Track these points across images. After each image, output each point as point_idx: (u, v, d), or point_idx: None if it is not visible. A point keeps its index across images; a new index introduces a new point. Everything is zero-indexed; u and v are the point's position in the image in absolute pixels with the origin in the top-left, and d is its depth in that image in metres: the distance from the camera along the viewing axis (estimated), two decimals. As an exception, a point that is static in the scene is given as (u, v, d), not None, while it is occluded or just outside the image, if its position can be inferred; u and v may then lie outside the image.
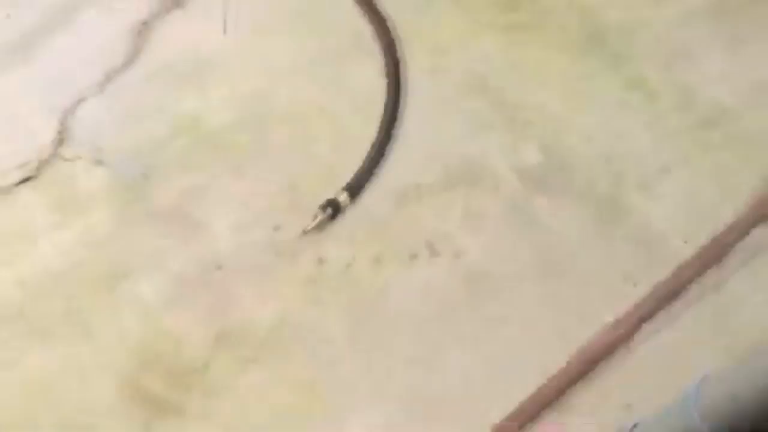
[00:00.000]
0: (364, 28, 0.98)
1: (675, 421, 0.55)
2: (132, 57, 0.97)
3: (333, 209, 0.83)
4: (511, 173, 0.89)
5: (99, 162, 0.89)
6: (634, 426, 0.63)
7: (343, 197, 0.83)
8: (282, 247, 0.83)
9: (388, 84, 0.91)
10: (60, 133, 0.90)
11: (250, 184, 0.87)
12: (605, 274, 0.82)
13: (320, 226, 0.83)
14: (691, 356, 0.76)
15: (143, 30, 0.99)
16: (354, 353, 0.77)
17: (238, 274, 0.82)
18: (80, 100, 0.93)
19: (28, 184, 0.87)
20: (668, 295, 0.80)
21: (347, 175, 0.86)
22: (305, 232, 0.82)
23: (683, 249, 0.82)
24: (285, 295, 0.81)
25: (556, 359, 0.76)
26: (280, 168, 0.88)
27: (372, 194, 0.86)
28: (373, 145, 0.88)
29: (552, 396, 0.74)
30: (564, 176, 0.89)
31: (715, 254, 0.82)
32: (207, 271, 0.82)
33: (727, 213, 0.84)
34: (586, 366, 0.76)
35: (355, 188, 0.85)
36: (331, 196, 0.84)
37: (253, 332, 0.78)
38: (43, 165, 0.88)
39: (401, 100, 0.91)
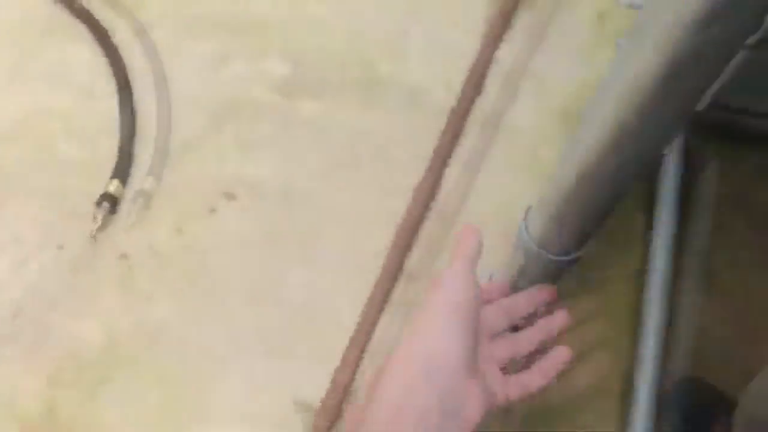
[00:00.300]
0: (56, 11, 0.90)
1: (519, 255, 0.58)
2: None
3: (109, 202, 0.77)
4: (269, 92, 0.87)
5: None
6: (491, 277, 0.66)
7: (114, 186, 0.78)
8: (75, 262, 0.77)
9: (107, 56, 0.85)
10: None
11: (12, 215, 0.79)
12: (397, 147, 0.85)
13: (104, 224, 0.77)
14: (505, 185, 0.82)
15: None
16: (196, 327, 0.75)
17: (41, 311, 0.75)
18: None
19: None
20: (453, 137, 0.84)
21: (109, 164, 0.81)
22: (92, 236, 0.77)
23: (449, 96, 0.86)
24: (102, 307, 0.76)
25: (387, 238, 0.78)
26: (35, 186, 0.81)
27: (144, 170, 0.82)
28: (121, 123, 0.82)
29: (394, 271, 0.77)
30: (319, 75, 0.89)
31: (475, 86, 0.87)
32: (6, 323, 0.74)
33: (471, 47, 0.89)
34: (411, 233, 0.80)
35: (123, 173, 0.80)
36: (101, 190, 0.78)
37: (87, 356, 0.73)
38: None
39: (128, 67, 0.85)
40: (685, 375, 0.71)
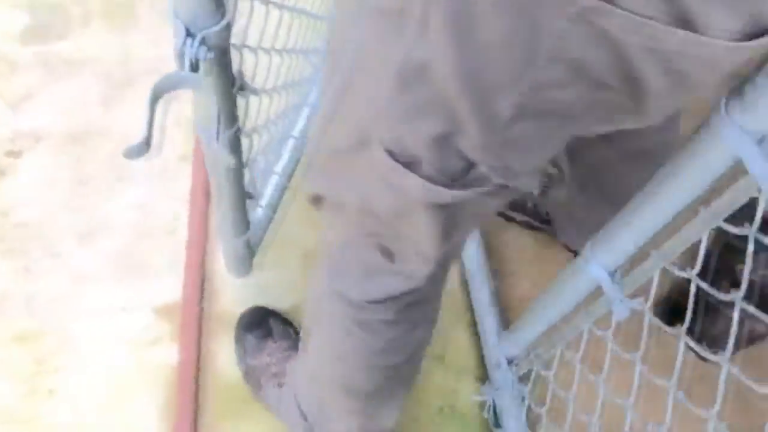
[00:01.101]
0: None
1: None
2: None
3: None
4: (16, 44, 0.85)
5: None
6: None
7: None
8: None
9: None
10: None
11: None
12: (168, 54, 0.86)
13: None
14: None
15: None
16: (35, 283, 0.73)
17: None
18: None
19: None
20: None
21: None
22: None
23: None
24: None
25: (188, 140, 0.81)
26: None
27: None
28: None
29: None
30: (60, 14, 0.88)
31: None
32: None
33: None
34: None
35: None
36: None
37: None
38: None
39: None
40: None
